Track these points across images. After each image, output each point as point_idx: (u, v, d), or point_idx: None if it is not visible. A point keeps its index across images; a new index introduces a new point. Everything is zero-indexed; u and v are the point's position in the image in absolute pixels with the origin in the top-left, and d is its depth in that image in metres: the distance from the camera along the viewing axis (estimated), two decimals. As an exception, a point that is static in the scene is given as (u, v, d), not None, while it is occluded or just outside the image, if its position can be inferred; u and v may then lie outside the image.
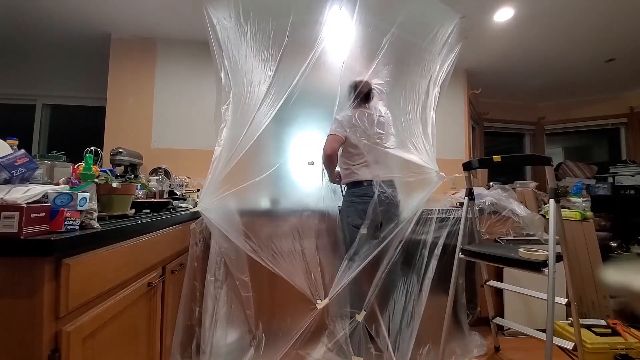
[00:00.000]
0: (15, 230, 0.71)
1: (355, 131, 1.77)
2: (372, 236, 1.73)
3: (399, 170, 1.85)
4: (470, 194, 1.75)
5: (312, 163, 1.87)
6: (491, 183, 2.85)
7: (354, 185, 1.80)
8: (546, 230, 2.07)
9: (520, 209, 2.13)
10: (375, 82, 1.84)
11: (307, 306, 1.63)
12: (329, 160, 1.80)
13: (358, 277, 1.68)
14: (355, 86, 1.79)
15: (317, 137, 1.93)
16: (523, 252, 1.43)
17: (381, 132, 1.82)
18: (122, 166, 2.25)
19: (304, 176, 1.88)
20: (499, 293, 2.08)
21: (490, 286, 1.84)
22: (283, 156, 1.92)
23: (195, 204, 1.83)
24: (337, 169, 1.89)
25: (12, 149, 1.09)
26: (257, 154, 1.71)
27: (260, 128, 1.66)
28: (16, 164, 0.91)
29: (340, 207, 1.86)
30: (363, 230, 1.70)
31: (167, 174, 2.41)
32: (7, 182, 0.88)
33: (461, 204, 1.86)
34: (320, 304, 1.61)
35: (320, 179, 1.88)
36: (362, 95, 1.79)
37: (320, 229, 1.80)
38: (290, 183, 1.90)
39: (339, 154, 1.84)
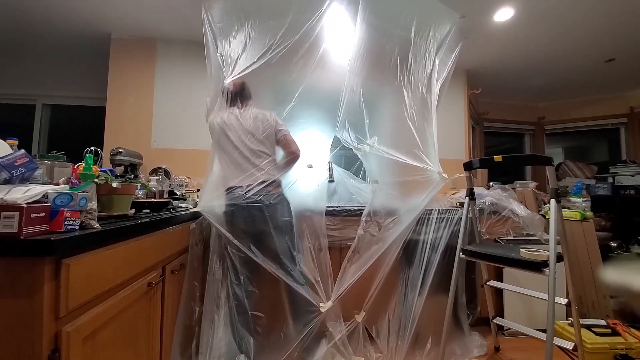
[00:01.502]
0: (15, 230, 0.71)
1: (225, 133, 1.67)
2: (253, 245, 1.59)
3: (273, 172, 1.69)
4: (471, 194, 1.75)
5: (310, 166, 1.86)
6: (491, 183, 2.85)
7: (225, 192, 1.66)
8: (546, 230, 2.07)
9: (520, 209, 2.13)
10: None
11: (310, 308, 1.62)
12: None
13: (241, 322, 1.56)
14: (224, 89, 1.70)
15: (318, 139, 1.93)
16: (525, 252, 1.43)
17: (254, 132, 1.69)
18: (122, 166, 2.25)
19: (304, 177, 1.87)
20: (499, 293, 2.08)
21: (490, 286, 1.84)
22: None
23: (195, 204, 1.84)
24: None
25: (12, 149, 1.09)
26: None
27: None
28: (16, 164, 0.91)
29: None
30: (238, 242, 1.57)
31: (167, 174, 2.41)
32: (7, 182, 0.88)
33: (461, 204, 1.86)
34: (324, 306, 1.61)
35: (320, 180, 1.88)
36: (231, 96, 1.71)
37: (322, 229, 1.80)
38: (289, 183, 1.90)
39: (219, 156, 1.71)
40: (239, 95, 1.73)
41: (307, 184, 1.84)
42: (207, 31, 1.66)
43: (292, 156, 1.73)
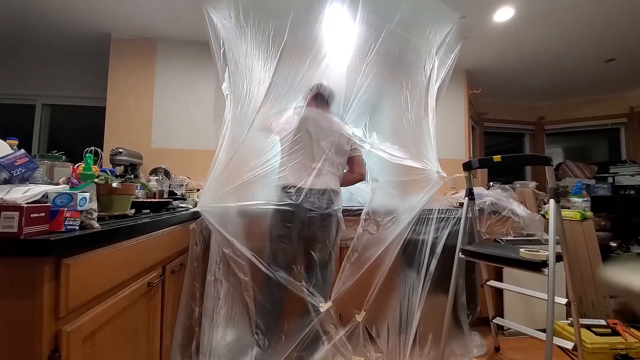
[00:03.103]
0: (15, 230, 0.70)
1: (300, 132, 1.68)
2: (294, 250, 1.63)
3: (334, 180, 1.75)
4: (470, 194, 1.75)
5: None
6: (491, 183, 2.85)
7: (281, 190, 1.66)
8: (546, 230, 2.07)
9: (520, 209, 2.13)
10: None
11: (310, 308, 1.62)
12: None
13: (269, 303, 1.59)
14: (317, 86, 1.75)
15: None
16: (524, 252, 1.43)
17: (329, 141, 1.74)
18: (122, 166, 2.25)
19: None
20: (499, 293, 2.08)
21: (490, 286, 1.84)
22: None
23: (195, 204, 1.83)
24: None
25: (12, 149, 1.09)
26: (258, 154, 1.71)
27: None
28: (16, 164, 0.91)
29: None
30: (283, 248, 1.62)
31: (167, 174, 2.41)
32: (7, 182, 0.88)
33: (461, 204, 1.86)
34: (324, 306, 1.61)
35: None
36: (320, 96, 1.74)
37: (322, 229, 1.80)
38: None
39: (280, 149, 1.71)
40: (328, 98, 1.77)
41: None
42: (211, 31, 1.66)
43: (359, 177, 1.86)
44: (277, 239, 1.63)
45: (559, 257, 1.40)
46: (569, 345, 1.44)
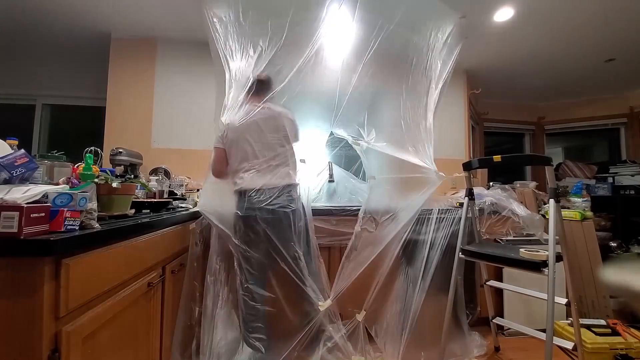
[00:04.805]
0: (15, 230, 0.71)
1: (243, 131, 1.59)
2: (266, 255, 1.56)
3: (301, 174, 1.71)
4: (470, 194, 1.75)
5: (303, 161, 1.84)
6: (491, 183, 2.85)
7: (240, 195, 1.57)
8: (546, 230, 2.07)
9: (520, 209, 2.13)
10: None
11: (309, 307, 1.62)
12: (219, 178, 1.65)
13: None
14: (250, 79, 1.62)
15: (314, 135, 1.93)
16: (524, 252, 1.43)
17: (276, 132, 1.64)
18: (122, 166, 2.25)
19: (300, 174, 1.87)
20: (499, 293, 2.08)
21: (490, 286, 1.84)
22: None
23: (195, 204, 1.83)
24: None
25: (12, 149, 1.09)
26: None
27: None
28: (16, 164, 0.91)
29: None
30: (255, 252, 1.55)
31: (167, 174, 2.41)
32: (7, 182, 0.88)
33: (461, 204, 1.86)
34: (323, 305, 1.61)
35: (317, 178, 1.88)
36: (257, 86, 1.62)
37: (321, 228, 1.80)
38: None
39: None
40: (264, 88, 1.67)
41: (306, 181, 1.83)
42: (211, 31, 1.66)
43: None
44: (246, 245, 1.55)
45: (559, 257, 1.40)
46: (569, 345, 1.44)
